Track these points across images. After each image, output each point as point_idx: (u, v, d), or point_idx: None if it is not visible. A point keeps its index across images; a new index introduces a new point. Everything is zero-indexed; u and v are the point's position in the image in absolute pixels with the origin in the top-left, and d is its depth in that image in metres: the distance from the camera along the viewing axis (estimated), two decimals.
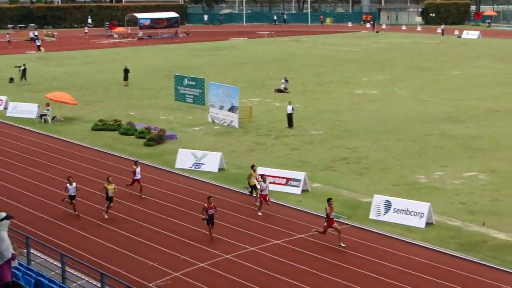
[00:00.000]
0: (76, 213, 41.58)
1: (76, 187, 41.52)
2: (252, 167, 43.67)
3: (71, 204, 41.49)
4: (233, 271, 34.02)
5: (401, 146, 57.58)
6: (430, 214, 40.43)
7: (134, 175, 44.46)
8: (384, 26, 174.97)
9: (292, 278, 33.48)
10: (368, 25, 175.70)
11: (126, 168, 49.57)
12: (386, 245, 37.81)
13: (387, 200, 41.88)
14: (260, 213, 41.60)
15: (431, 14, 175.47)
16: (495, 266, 34.69)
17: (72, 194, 41.13)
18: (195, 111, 72.25)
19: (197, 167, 51.62)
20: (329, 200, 37.07)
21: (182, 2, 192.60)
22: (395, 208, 41.31)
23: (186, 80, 74.93)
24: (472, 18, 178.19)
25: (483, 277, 33.51)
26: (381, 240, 38.49)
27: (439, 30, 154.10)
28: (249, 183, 43.37)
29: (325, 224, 36.30)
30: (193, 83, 73.72)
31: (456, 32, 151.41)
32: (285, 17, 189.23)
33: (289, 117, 64.09)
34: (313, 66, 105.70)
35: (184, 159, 52.57)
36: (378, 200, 42.23)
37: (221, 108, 66.28)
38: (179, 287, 32.79)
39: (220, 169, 51.27)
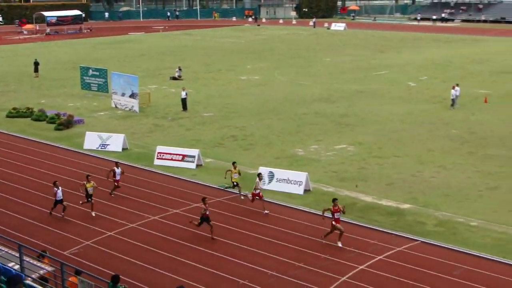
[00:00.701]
0: (62, 214, 37.88)
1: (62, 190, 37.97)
2: (233, 163, 41.34)
3: (54, 207, 37.90)
4: (140, 237, 35.18)
5: (281, 124, 59.68)
6: (307, 182, 42.65)
7: (114, 176, 41.03)
8: (264, 20, 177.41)
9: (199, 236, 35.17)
10: (250, 19, 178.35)
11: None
12: (272, 210, 39.39)
13: (270, 171, 43.87)
14: (265, 212, 38.63)
15: (304, 9, 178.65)
16: (364, 225, 37.09)
17: (59, 199, 37.43)
18: (100, 98, 72.85)
19: (103, 147, 52.64)
20: (334, 200, 34.62)
21: (85, 1, 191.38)
22: (277, 178, 43.32)
23: (90, 70, 75.63)
24: (339, 12, 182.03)
25: (354, 234, 35.60)
26: (267, 206, 39.63)
27: (311, 23, 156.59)
28: (231, 180, 41.00)
29: (333, 223, 33.77)
30: (97, 73, 74.63)
31: (326, 25, 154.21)
32: (177, 14, 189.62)
33: (183, 101, 65.82)
34: (203, 56, 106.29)
35: (91, 140, 53.43)
36: (263, 171, 43.34)
37: (123, 95, 67.58)
38: (90, 254, 33.48)
39: (123, 149, 52.37)
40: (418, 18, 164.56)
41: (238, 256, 33.00)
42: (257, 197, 38.41)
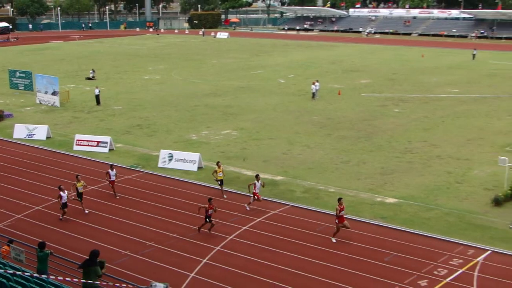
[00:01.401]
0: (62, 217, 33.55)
1: (67, 194, 33.45)
2: (218, 163, 38.16)
3: (63, 211, 33.41)
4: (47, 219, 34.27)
5: (178, 115, 59.58)
6: (200, 161, 42.96)
7: (110, 177, 36.85)
8: (162, 30, 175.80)
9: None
10: (151, 29, 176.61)
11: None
12: (171, 184, 39.96)
13: (170, 153, 43.94)
14: (248, 208, 35.12)
15: (194, 21, 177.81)
16: (246, 194, 36.78)
17: (64, 202, 32.90)
18: (26, 96, 70.63)
19: (30, 136, 51.48)
20: (339, 199, 31.42)
21: (11, 14, 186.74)
22: (176, 158, 43.43)
23: (17, 73, 74.16)
24: (223, 23, 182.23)
25: (238, 201, 36.47)
26: (168, 181, 40.48)
27: (200, 32, 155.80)
28: (216, 178, 37.49)
29: (336, 221, 30.95)
30: (23, 75, 73.10)
31: (213, 34, 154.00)
32: (91, 25, 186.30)
33: (97, 97, 64.83)
34: (112, 60, 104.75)
35: (20, 131, 52.23)
36: (163, 153, 44.06)
37: (46, 92, 65.88)
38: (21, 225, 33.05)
39: (47, 137, 51.35)
40: (286, 28, 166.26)
41: (141, 222, 33.22)
42: (255, 197, 35.12)
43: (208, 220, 31.37)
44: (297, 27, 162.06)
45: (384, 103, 63.98)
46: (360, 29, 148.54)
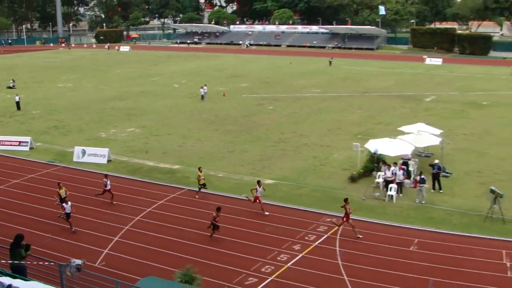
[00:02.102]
0: (73, 229, 29.16)
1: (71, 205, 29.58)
2: (199, 168, 34.91)
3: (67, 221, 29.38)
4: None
5: (89, 117, 57.69)
6: (109, 155, 42.06)
7: (105, 186, 32.95)
8: (73, 45, 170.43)
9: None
10: (63, 45, 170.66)
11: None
12: (86, 175, 38.82)
13: (83, 149, 42.68)
14: (266, 213, 31.47)
15: (101, 37, 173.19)
16: (149, 181, 37.27)
17: (68, 212, 29.14)
18: None
19: None
20: (346, 200, 29.28)
21: None
22: (88, 153, 42.26)
23: None
24: (125, 39, 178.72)
25: (144, 188, 36.03)
26: (83, 173, 39.32)
27: (106, 47, 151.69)
28: (198, 182, 34.25)
29: (344, 219, 28.72)
30: None
31: (116, 47, 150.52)
32: (10, 41, 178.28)
33: (17, 104, 61.81)
34: (30, 71, 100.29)
35: None
36: (77, 149, 42.86)
37: None
38: None
39: None
40: (178, 42, 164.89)
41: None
42: (257, 200, 32.06)
43: (213, 226, 28.07)
44: (188, 41, 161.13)
45: (261, 102, 64.55)
46: (240, 42, 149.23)
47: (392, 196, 33.81)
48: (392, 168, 35.27)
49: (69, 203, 29.43)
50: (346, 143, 44.84)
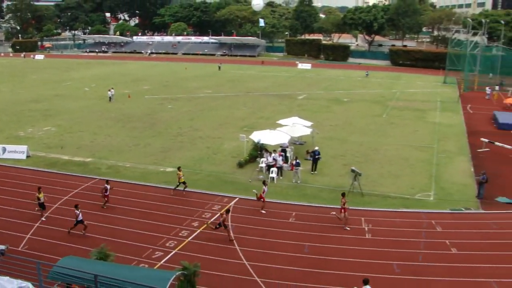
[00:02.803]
0: (83, 232, 25.94)
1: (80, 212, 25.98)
2: (178, 168, 32.42)
3: (74, 227, 26.00)
4: None
5: (8, 118, 54.15)
6: (28, 151, 40.07)
7: (106, 191, 29.61)
8: None
9: None
10: None
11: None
12: (6, 170, 36.93)
13: (3, 147, 40.39)
14: (263, 211, 29.20)
15: (17, 47, 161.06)
16: (65, 173, 35.97)
17: (80, 219, 25.62)
18: None
19: None
20: (343, 194, 27.80)
21: None
22: (8, 150, 40.02)
23: None
24: (40, 48, 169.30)
25: (61, 179, 34.68)
26: (3, 168, 37.28)
27: (22, 55, 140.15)
28: (178, 180, 31.88)
29: (343, 213, 27.19)
30: None
31: (32, 56, 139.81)
32: None
33: None
34: None
35: None
36: None
37: None
38: None
39: None
40: (88, 51, 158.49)
41: None
42: (261, 199, 29.57)
43: (220, 226, 25.78)
44: (96, 50, 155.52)
45: (161, 102, 63.59)
46: (142, 51, 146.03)
47: (273, 178, 34.51)
48: (273, 154, 36.07)
49: (80, 210, 25.79)
50: (234, 135, 45.14)
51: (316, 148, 37.68)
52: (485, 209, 30.45)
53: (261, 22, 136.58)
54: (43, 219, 27.93)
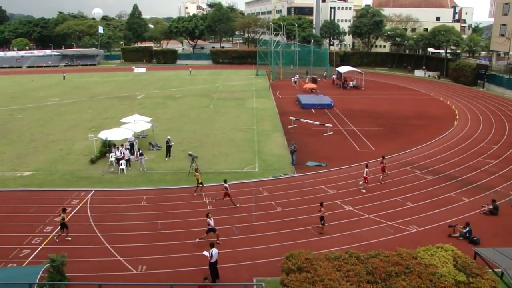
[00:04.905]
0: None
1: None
2: (196, 170, 29.11)
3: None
4: None
5: None
6: None
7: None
8: None
9: None
10: None
11: None
12: None
13: None
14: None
15: None
16: None
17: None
18: None
19: None
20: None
21: None
22: None
23: None
24: None
25: None
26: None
27: None
28: (197, 181, 28.32)
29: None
30: None
31: None
32: None
33: None
34: None
35: None
36: None
37: None
38: None
39: None
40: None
41: None
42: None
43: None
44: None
45: (11, 113, 57.14)
46: None
47: (123, 169, 33.39)
48: (120, 149, 34.81)
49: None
50: (83, 136, 42.61)
51: (168, 137, 37.27)
52: (299, 173, 32.71)
53: (100, 29, 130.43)
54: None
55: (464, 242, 22.41)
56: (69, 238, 23.09)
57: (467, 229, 23.04)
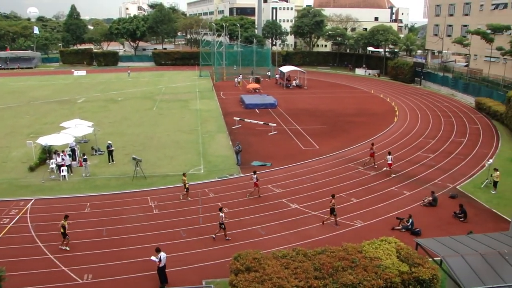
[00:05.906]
0: None
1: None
2: (184, 174, 28.65)
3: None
4: None
5: None
6: None
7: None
8: None
9: None
10: None
11: None
12: None
13: None
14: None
15: None
16: None
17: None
18: None
19: None
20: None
21: None
22: None
23: None
24: None
25: None
26: None
27: None
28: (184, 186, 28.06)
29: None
30: None
31: None
32: None
33: None
34: None
35: None
36: None
37: None
38: None
39: None
40: None
41: None
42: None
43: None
44: None
45: None
46: None
47: (65, 176, 32.19)
48: (61, 155, 33.54)
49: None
50: (21, 142, 40.68)
51: (109, 142, 36.29)
52: (244, 173, 32.81)
53: (35, 30, 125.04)
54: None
55: (407, 234, 23.35)
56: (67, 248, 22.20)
57: (410, 221, 24.04)
